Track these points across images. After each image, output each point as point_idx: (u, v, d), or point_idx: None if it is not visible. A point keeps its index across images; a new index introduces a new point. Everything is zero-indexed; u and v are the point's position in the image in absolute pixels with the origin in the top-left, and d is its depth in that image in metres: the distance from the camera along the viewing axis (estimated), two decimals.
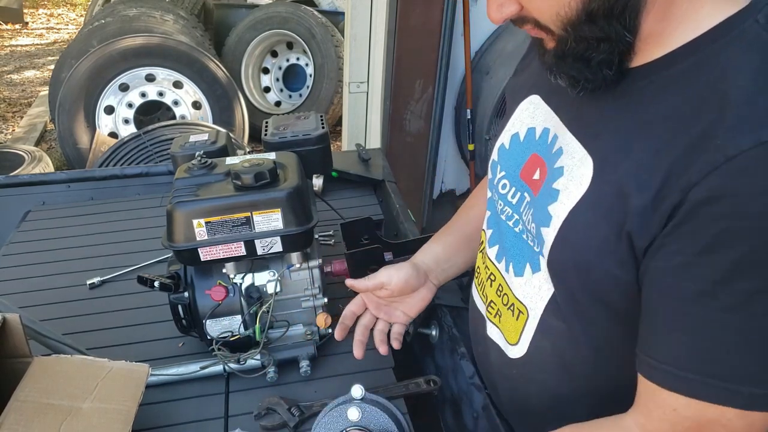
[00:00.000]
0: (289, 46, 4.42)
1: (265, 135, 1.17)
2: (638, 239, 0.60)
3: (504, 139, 0.83)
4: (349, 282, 0.97)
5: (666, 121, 0.59)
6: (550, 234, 0.69)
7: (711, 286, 0.55)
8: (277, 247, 0.96)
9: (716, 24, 0.57)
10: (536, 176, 0.74)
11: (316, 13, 4.23)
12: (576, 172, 0.66)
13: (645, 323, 0.63)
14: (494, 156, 0.86)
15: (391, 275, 0.94)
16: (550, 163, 0.71)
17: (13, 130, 4.69)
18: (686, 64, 0.59)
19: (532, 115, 0.78)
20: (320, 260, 1.05)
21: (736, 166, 0.52)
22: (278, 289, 1.02)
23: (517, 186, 0.78)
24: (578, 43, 0.60)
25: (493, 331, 0.86)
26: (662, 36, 0.60)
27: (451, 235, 1.04)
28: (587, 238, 0.65)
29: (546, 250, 0.70)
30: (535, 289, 0.75)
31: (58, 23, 8.14)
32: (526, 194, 0.76)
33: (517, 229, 0.78)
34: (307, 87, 4.32)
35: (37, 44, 7.12)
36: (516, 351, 0.81)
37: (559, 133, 0.71)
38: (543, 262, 0.73)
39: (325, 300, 1.06)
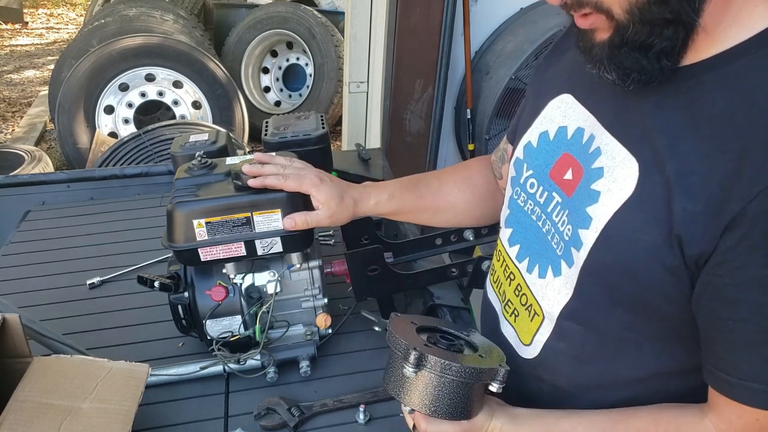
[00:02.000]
0: (289, 45, 4.42)
1: (265, 135, 1.17)
2: (689, 247, 0.58)
3: (531, 137, 0.81)
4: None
5: (716, 123, 0.58)
6: (590, 236, 0.67)
7: None
8: (278, 247, 0.96)
9: (766, 27, 0.56)
10: (568, 176, 0.72)
11: (316, 12, 4.23)
12: (618, 173, 0.65)
13: (717, 341, 0.61)
14: (519, 154, 0.84)
15: (320, 190, 0.92)
16: (585, 164, 0.70)
17: (13, 130, 4.69)
18: (737, 66, 0.58)
19: (564, 114, 0.76)
20: (320, 261, 1.05)
21: None
22: (278, 290, 1.02)
23: (545, 186, 0.77)
24: (643, 26, 0.58)
25: (507, 330, 0.85)
26: (714, 34, 0.58)
27: (407, 180, 1.03)
28: (634, 240, 0.63)
29: (584, 253, 0.68)
30: (554, 293, 0.74)
31: (57, 23, 8.13)
32: (555, 194, 0.75)
33: (544, 230, 0.77)
34: (307, 87, 4.32)
35: (37, 44, 7.12)
36: (528, 351, 0.80)
37: (596, 134, 0.69)
38: (564, 266, 0.72)
39: (325, 300, 1.06)
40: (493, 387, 0.74)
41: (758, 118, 0.55)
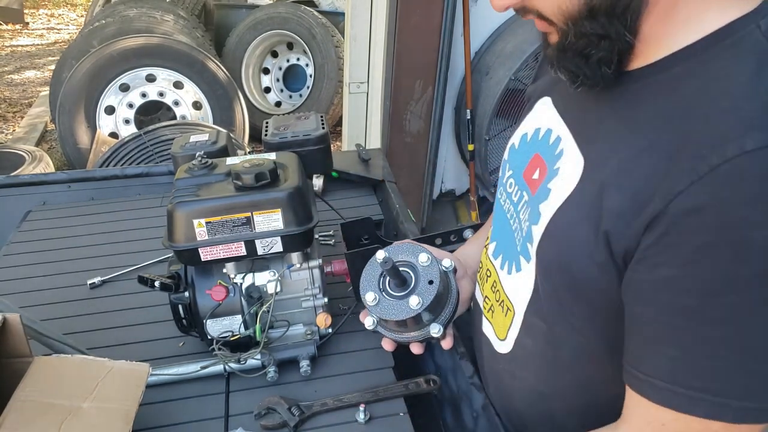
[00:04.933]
0: (290, 46, 4.42)
1: (266, 135, 1.18)
2: (615, 243, 0.59)
3: (515, 139, 0.84)
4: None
5: (652, 124, 0.59)
6: (538, 232, 0.70)
7: (697, 300, 0.54)
8: (278, 247, 0.96)
9: (719, 27, 0.56)
10: (536, 176, 0.75)
11: (316, 13, 4.23)
12: (567, 172, 0.67)
13: (631, 336, 0.62)
14: (505, 155, 0.87)
15: (432, 249, 0.94)
16: (550, 164, 0.72)
17: (14, 130, 4.69)
18: (680, 69, 0.58)
19: (542, 116, 0.78)
20: (320, 260, 1.06)
21: (720, 175, 0.51)
22: (278, 289, 1.02)
23: (519, 185, 0.79)
24: (578, 38, 0.60)
25: (486, 326, 0.88)
26: (662, 39, 0.59)
27: (484, 234, 1.04)
28: (569, 237, 0.65)
29: (534, 248, 0.71)
30: (520, 288, 0.76)
31: (58, 23, 8.14)
32: (524, 193, 0.77)
33: (513, 227, 0.79)
34: (308, 87, 4.32)
35: (38, 44, 7.12)
36: (503, 347, 0.82)
37: (563, 136, 0.71)
38: (523, 262, 0.74)
39: (326, 300, 1.07)
40: (434, 330, 0.81)
41: (692, 120, 0.55)
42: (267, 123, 1.22)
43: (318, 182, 1.57)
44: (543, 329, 0.74)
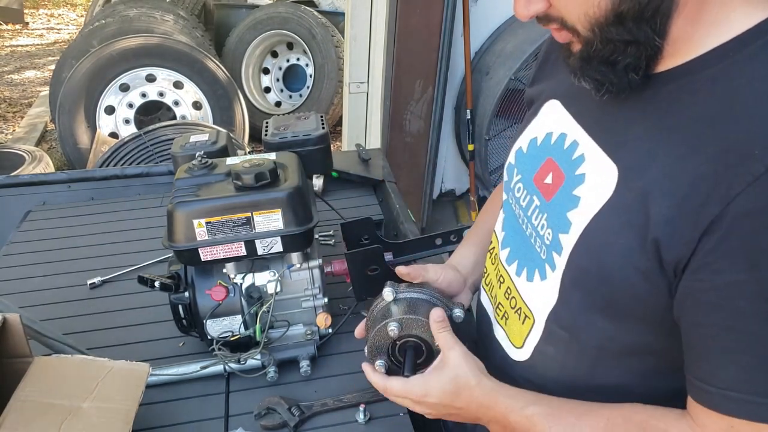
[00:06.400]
0: (290, 46, 4.42)
1: (266, 135, 1.18)
2: (668, 251, 0.58)
3: (522, 143, 0.83)
4: (402, 269, 0.92)
5: (692, 126, 0.57)
6: (569, 240, 0.68)
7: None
8: (278, 247, 0.96)
9: (748, 28, 0.56)
10: (548, 180, 0.73)
11: (316, 13, 4.23)
12: (598, 179, 0.65)
13: (696, 350, 0.60)
14: (511, 159, 0.85)
15: (439, 273, 0.92)
16: (567, 169, 0.70)
17: (14, 130, 4.70)
18: (715, 70, 0.57)
19: (552, 120, 0.77)
20: (320, 260, 1.06)
21: None
22: (278, 289, 1.02)
23: (529, 190, 0.78)
24: (605, 45, 0.59)
25: (499, 333, 0.86)
26: (692, 40, 0.58)
27: (480, 240, 1.03)
28: (609, 245, 0.63)
29: (564, 257, 0.69)
30: (542, 296, 0.74)
31: (58, 23, 8.14)
32: (535, 198, 0.76)
33: (527, 233, 0.78)
34: (308, 87, 4.32)
35: (38, 44, 7.12)
36: (520, 354, 0.81)
37: (580, 140, 0.70)
38: (548, 270, 0.72)
39: (326, 300, 1.07)
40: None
41: (736, 122, 0.54)
42: (267, 123, 1.22)
43: (318, 182, 1.57)
44: (565, 337, 0.73)
